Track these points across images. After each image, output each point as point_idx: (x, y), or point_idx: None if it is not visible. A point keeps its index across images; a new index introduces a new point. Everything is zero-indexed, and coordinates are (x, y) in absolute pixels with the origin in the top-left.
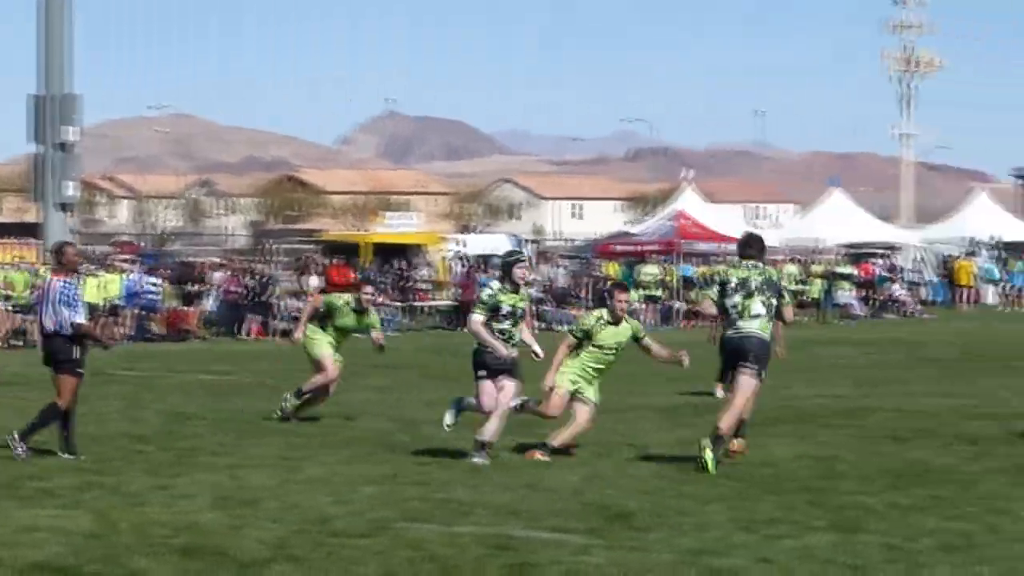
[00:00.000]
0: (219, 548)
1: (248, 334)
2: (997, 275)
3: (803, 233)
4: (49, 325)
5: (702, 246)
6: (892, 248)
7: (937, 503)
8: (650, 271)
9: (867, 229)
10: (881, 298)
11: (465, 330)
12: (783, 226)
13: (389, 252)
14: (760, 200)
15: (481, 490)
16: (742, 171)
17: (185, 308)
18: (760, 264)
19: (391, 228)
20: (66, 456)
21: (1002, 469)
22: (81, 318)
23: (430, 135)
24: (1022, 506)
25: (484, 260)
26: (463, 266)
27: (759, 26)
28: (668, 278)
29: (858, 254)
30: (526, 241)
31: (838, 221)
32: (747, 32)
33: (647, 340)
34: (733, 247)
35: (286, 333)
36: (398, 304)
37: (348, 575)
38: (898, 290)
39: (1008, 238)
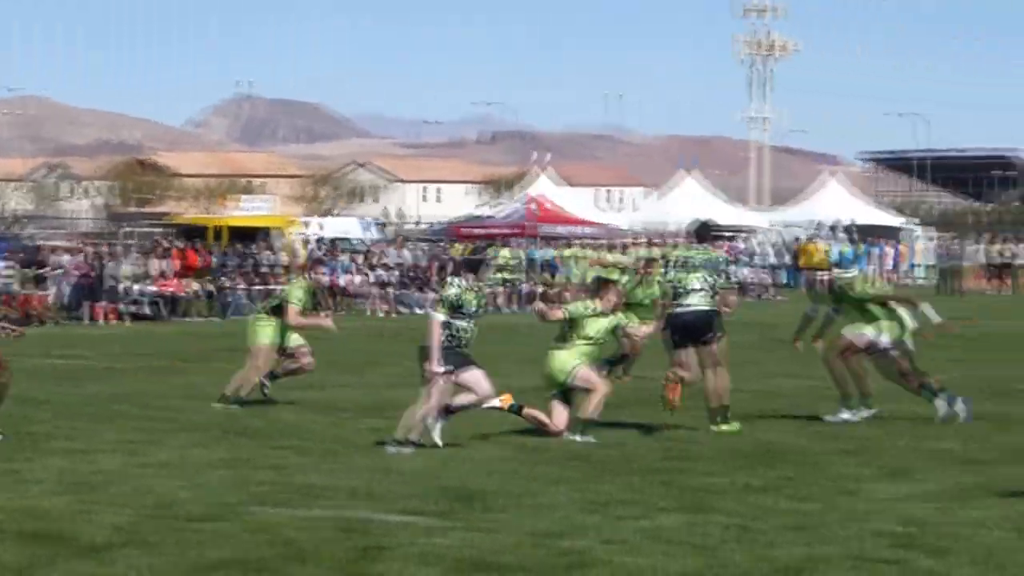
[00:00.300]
0: (67, 533)
1: (95, 318)
2: (852, 257)
3: (657, 216)
4: None
5: (557, 229)
6: (743, 231)
7: (787, 483)
8: (505, 254)
9: (719, 212)
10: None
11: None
12: (638, 209)
13: (244, 235)
14: (615, 183)
15: (334, 474)
16: (598, 154)
17: (33, 292)
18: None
19: (245, 211)
20: None
21: (851, 450)
22: None
23: (286, 118)
24: (870, 486)
25: (337, 243)
26: (321, 249)
27: (617, 9)
28: (519, 261)
29: (713, 236)
30: (380, 225)
31: (691, 204)
32: (604, 16)
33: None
34: (587, 230)
35: (136, 316)
36: (243, 288)
37: (198, 559)
38: (748, 273)
39: (858, 221)
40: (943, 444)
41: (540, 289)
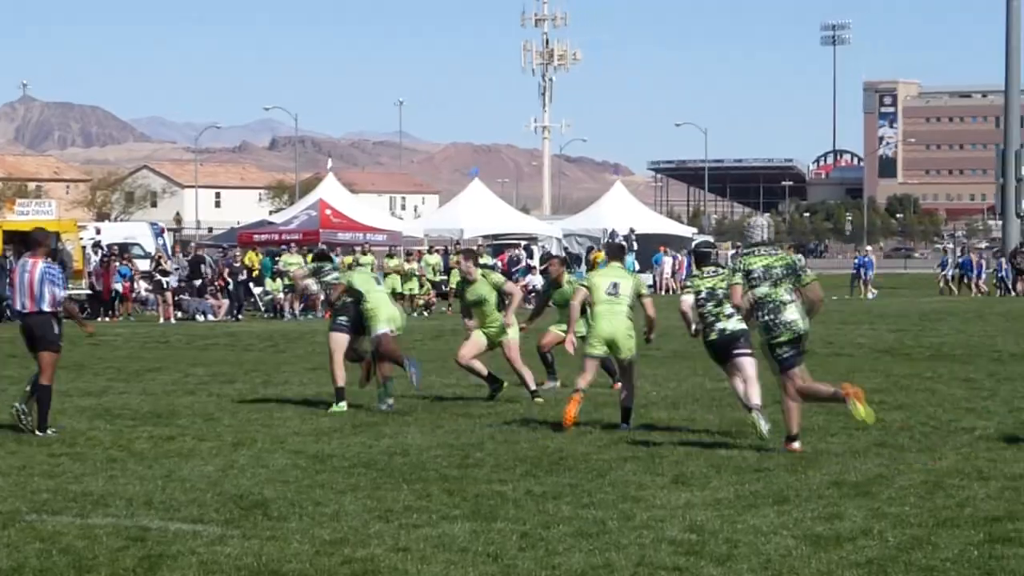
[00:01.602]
0: None
1: None
2: (636, 267)
3: (445, 224)
4: (28, 304)
5: (344, 236)
6: (533, 239)
7: (572, 491)
8: (292, 261)
9: (507, 220)
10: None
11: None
12: (423, 216)
13: (23, 240)
14: (401, 190)
15: (116, 481)
16: (384, 162)
17: None
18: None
19: (24, 216)
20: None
21: (635, 457)
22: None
23: (66, 121)
24: (653, 493)
25: (121, 248)
26: (100, 255)
27: (403, 17)
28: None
29: (499, 244)
30: (167, 231)
31: (479, 212)
32: (390, 22)
33: None
34: (375, 237)
35: None
36: None
37: None
38: (536, 281)
39: (641, 230)
40: (724, 452)
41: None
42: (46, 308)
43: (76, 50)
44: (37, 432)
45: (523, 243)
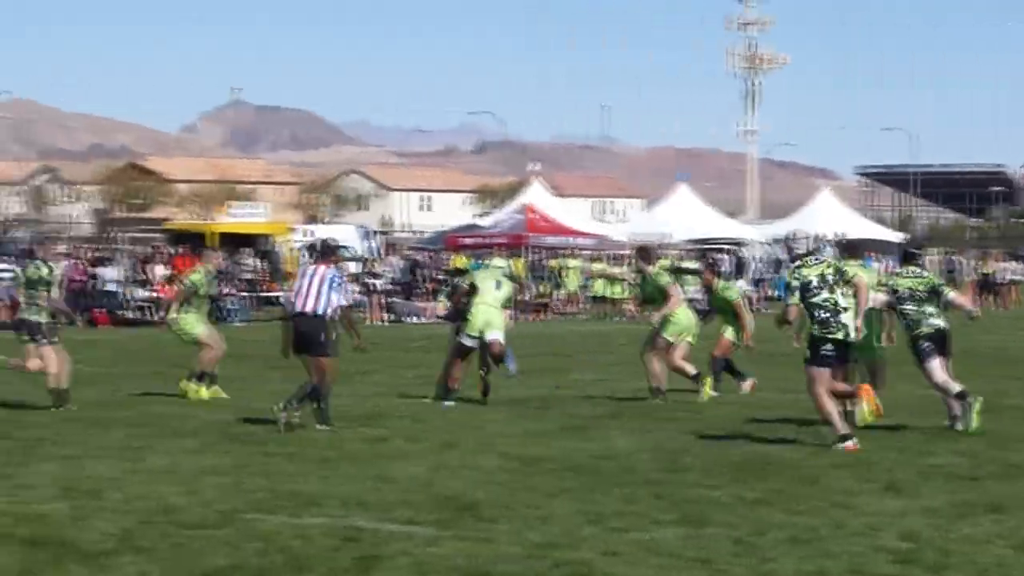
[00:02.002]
0: (64, 539)
1: (94, 323)
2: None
3: (650, 228)
4: (307, 306)
5: (550, 239)
6: (740, 244)
7: (782, 497)
8: (498, 264)
9: (714, 225)
10: None
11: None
12: (629, 221)
13: (236, 242)
14: (607, 195)
15: (329, 481)
16: (588, 165)
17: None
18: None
19: (237, 218)
20: (322, 427)
21: (845, 463)
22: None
23: (276, 124)
24: (865, 500)
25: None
26: (311, 257)
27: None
28: (516, 272)
29: (704, 249)
30: (374, 232)
31: (685, 216)
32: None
33: None
34: (581, 241)
35: (131, 323)
36: (245, 294)
37: (196, 566)
38: (744, 286)
39: (850, 235)
40: (935, 460)
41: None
42: (323, 312)
43: (285, 54)
44: (318, 425)
45: (728, 247)
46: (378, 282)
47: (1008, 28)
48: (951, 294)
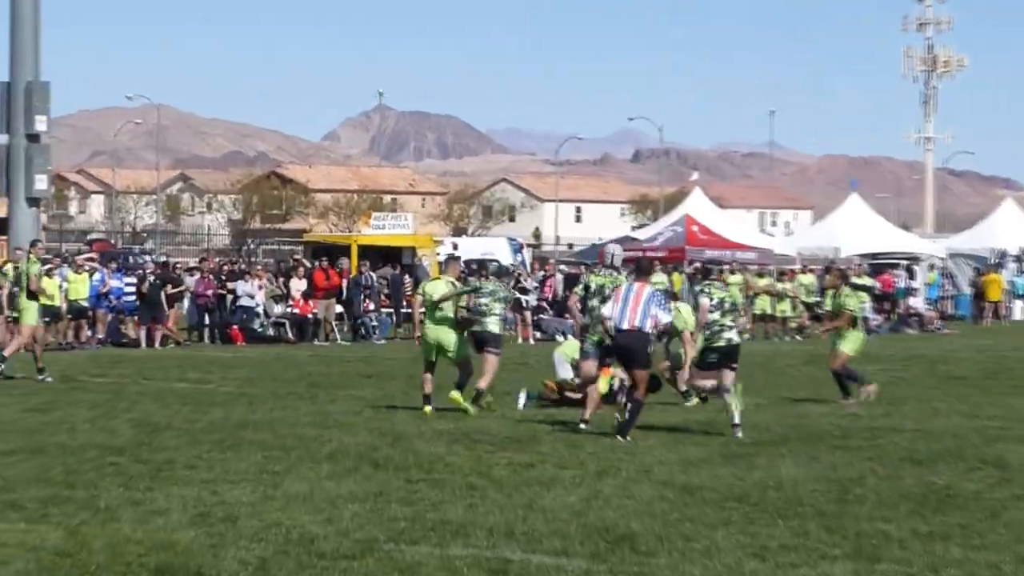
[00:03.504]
0: (197, 568)
1: (231, 340)
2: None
3: (819, 241)
4: (629, 322)
5: (711, 253)
6: (915, 258)
7: (961, 531)
8: (657, 280)
9: (887, 238)
10: (901, 311)
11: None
12: (796, 233)
13: (379, 255)
14: (772, 205)
15: (475, 510)
16: (752, 174)
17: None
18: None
19: (380, 229)
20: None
21: None
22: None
23: (421, 131)
24: None
25: (479, 264)
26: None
27: (773, 22)
28: (676, 287)
29: (877, 264)
30: (525, 246)
31: (856, 229)
32: (759, 27)
33: None
34: (745, 255)
35: (268, 339)
36: (390, 310)
37: None
38: (920, 303)
39: None
40: None
41: None
42: (646, 328)
43: (431, 58)
44: (619, 437)
45: (904, 262)
46: (528, 298)
47: None
48: None
